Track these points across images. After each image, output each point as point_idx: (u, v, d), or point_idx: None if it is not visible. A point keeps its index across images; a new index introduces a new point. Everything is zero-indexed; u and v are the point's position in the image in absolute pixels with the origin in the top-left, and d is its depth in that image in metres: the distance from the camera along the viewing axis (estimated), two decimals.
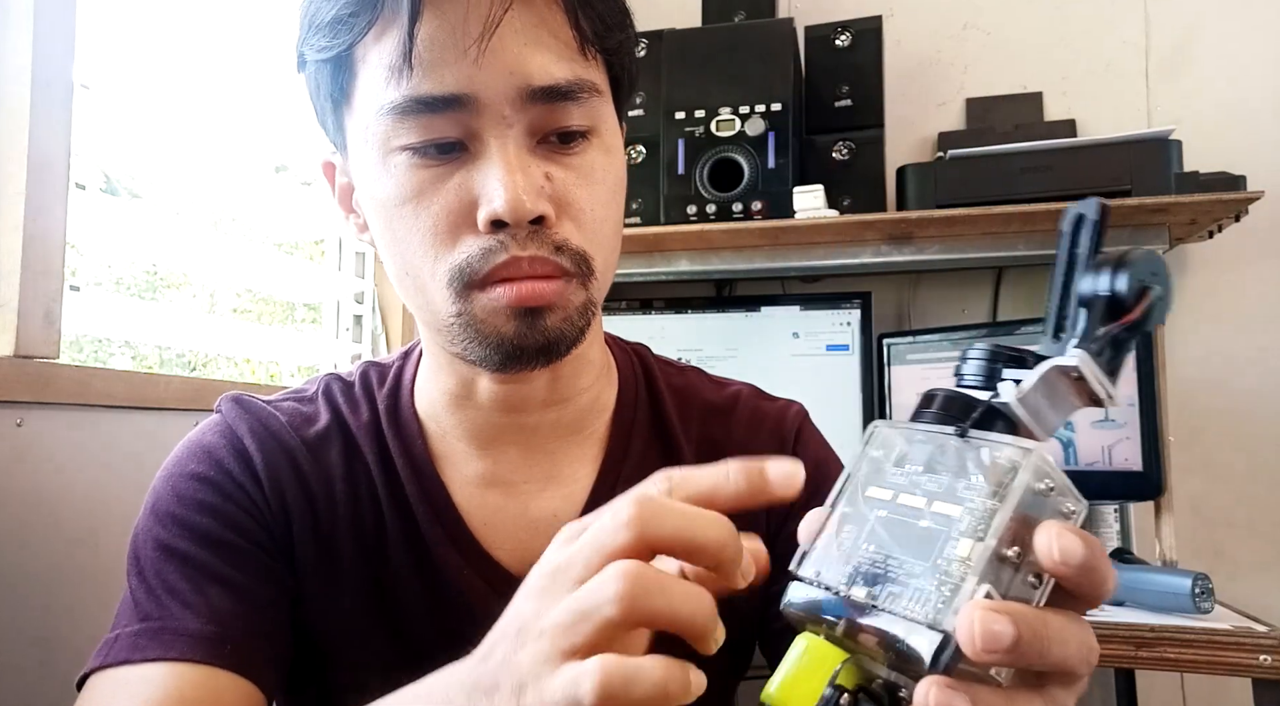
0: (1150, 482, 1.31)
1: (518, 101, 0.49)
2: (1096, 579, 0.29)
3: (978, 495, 0.30)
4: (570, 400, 0.60)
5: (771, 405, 0.67)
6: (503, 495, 0.59)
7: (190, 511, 0.55)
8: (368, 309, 1.64)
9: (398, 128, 0.49)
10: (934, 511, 0.31)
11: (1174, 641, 1.01)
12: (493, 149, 0.49)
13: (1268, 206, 1.39)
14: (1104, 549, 0.30)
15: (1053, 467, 0.30)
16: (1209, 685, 1.49)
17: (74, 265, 1.01)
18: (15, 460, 0.85)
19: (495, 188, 0.48)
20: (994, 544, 0.29)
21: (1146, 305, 0.32)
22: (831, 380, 1.58)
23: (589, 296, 0.53)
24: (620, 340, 0.68)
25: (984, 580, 0.28)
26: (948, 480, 0.31)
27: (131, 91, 1.08)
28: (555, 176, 0.51)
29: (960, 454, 0.31)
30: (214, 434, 0.59)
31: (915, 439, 0.33)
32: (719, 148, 1.51)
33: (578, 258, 0.51)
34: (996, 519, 0.29)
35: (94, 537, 0.92)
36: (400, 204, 0.51)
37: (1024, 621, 0.28)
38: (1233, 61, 1.61)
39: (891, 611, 0.29)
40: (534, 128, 0.50)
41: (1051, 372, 0.33)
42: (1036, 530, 0.29)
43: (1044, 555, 0.29)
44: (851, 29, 1.61)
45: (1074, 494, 0.31)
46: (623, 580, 0.30)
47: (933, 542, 0.30)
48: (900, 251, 1.54)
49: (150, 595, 0.53)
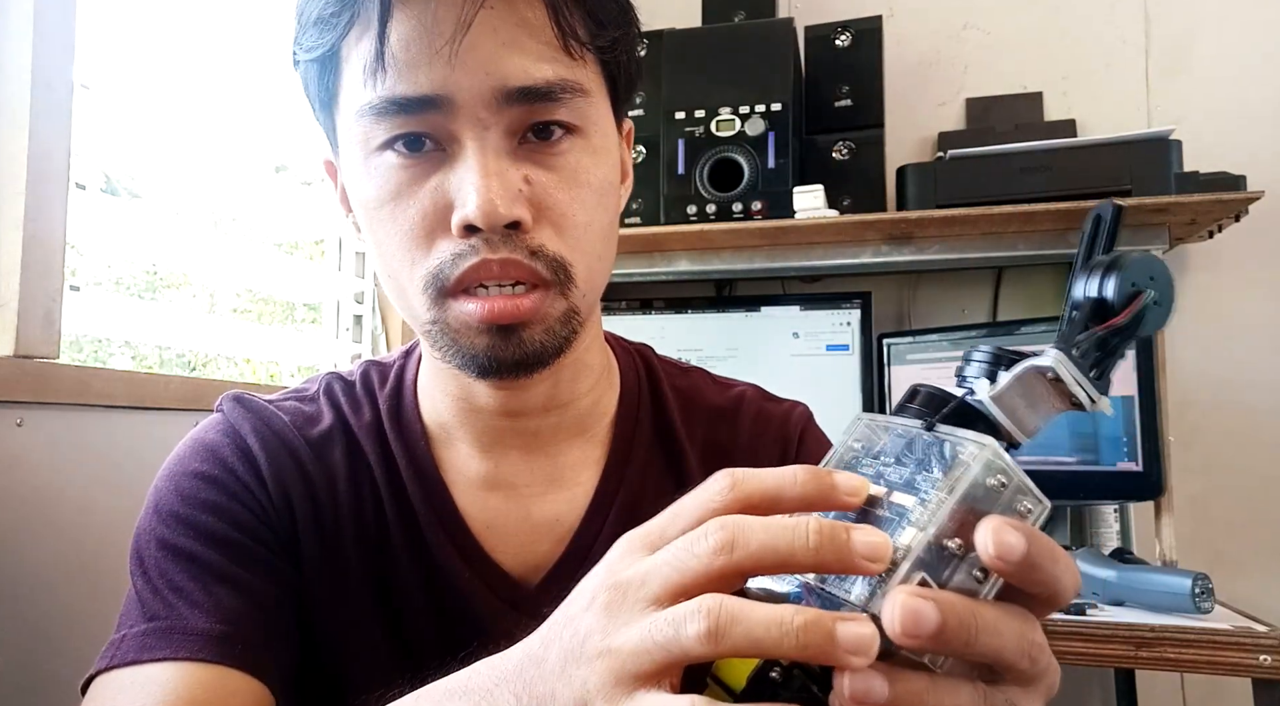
0: (1150, 482, 1.31)
1: (494, 103, 0.48)
2: (1042, 578, 0.29)
3: (932, 487, 0.30)
4: (570, 404, 0.59)
5: (776, 407, 0.67)
6: (505, 498, 0.59)
7: (195, 510, 0.54)
8: (368, 309, 1.64)
9: (375, 128, 0.49)
10: (892, 501, 0.31)
11: (1174, 641, 1.01)
12: (469, 151, 0.48)
13: (1268, 206, 1.39)
14: (1057, 548, 0.29)
15: (1009, 464, 0.30)
16: (1209, 685, 1.49)
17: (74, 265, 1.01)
18: (15, 460, 0.85)
19: (468, 192, 0.47)
20: (932, 533, 0.29)
21: (1136, 310, 0.32)
22: (831, 380, 1.59)
23: (570, 304, 0.52)
24: (623, 341, 0.68)
25: (919, 568, 0.29)
26: (909, 472, 0.31)
27: (131, 91, 1.08)
28: (535, 179, 0.50)
29: (926, 447, 0.32)
30: (217, 432, 0.58)
31: (892, 431, 0.33)
32: (719, 148, 1.51)
33: (554, 264, 0.50)
34: (940, 510, 0.29)
35: (94, 537, 0.92)
36: (379, 206, 0.51)
37: (950, 608, 0.27)
38: (1233, 61, 1.61)
39: (833, 594, 0.30)
40: (513, 127, 0.49)
41: (1028, 373, 0.32)
42: (978, 524, 0.29)
43: (981, 549, 0.28)
44: (851, 29, 1.61)
45: (1033, 493, 0.30)
46: (709, 618, 0.29)
47: (885, 532, 0.30)
48: (900, 251, 1.54)
49: (156, 595, 0.52)
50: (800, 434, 0.65)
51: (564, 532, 0.59)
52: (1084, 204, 1.35)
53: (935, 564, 0.29)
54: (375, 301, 1.65)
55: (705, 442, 0.63)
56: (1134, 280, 0.32)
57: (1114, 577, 1.11)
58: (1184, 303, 1.59)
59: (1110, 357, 0.32)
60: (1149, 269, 0.33)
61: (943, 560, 0.29)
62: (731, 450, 0.63)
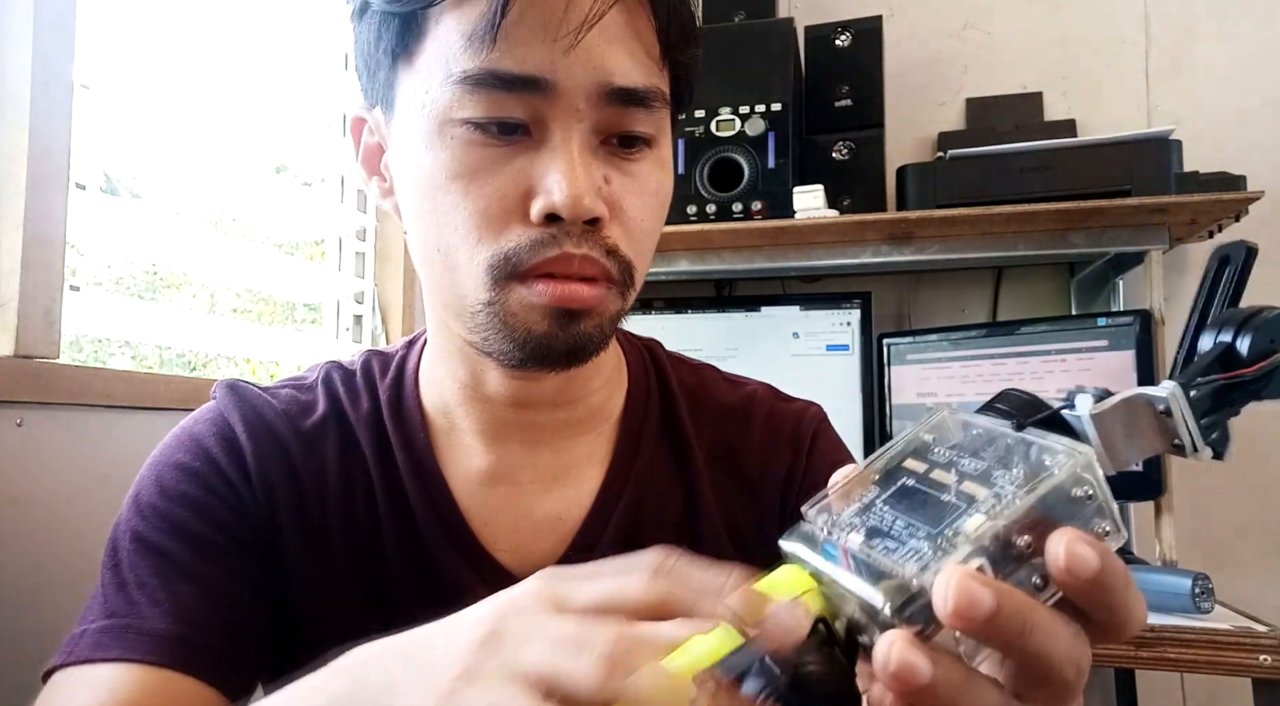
0: (1150, 482, 1.31)
1: (594, 97, 0.48)
2: (1110, 602, 0.27)
3: (1010, 484, 0.29)
4: (580, 401, 0.59)
5: (788, 407, 0.65)
6: (506, 494, 0.58)
7: (170, 503, 0.54)
8: (368, 309, 1.64)
9: (465, 99, 0.47)
10: (961, 489, 0.29)
11: (1174, 641, 1.01)
12: (558, 140, 0.48)
13: (1268, 206, 1.39)
14: (1131, 577, 0.28)
15: (1099, 481, 0.28)
16: (1209, 685, 1.49)
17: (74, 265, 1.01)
18: (15, 460, 0.85)
19: (556, 180, 0.47)
20: (1002, 524, 0.27)
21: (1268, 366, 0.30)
22: (831, 380, 1.59)
23: (623, 306, 0.52)
24: (631, 336, 0.67)
25: (979, 555, 0.27)
26: (986, 466, 0.30)
27: (131, 91, 1.08)
28: (613, 180, 0.50)
29: (1010, 447, 0.30)
30: (205, 422, 0.58)
31: (972, 427, 0.32)
32: (719, 148, 1.51)
33: (625, 265, 0.50)
34: (1017, 503, 0.28)
35: (94, 538, 0.92)
36: (450, 179, 0.49)
37: (1008, 597, 0.26)
38: (1233, 61, 1.61)
39: (876, 563, 0.28)
40: (601, 127, 0.49)
41: (1137, 399, 0.31)
42: (1056, 531, 0.27)
43: (1051, 559, 0.27)
44: (851, 29, 1.61)
45: (1114, 518, 0.29)
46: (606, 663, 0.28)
47: (947, 514, 0.28)
48: (900, 251, 1.54)
49: (121, 589, 0.52)
50: (813, 436, 0.64)
51: (566, 531, 0.58)
52: (1084, 204, 1.35)
53: (997, 556, 0.27)
54: (375, 301, 1.65)
55: (714, 442, 0.62)
56: (1274, 338, 0.31)
57: None
58: (1184, 303, 1.59)
59: (1223, 411, 0.31)
60: None
61: (1006, 556, 0.27)
62: (741, 450, 0.62)
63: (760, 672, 0.27)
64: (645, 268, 0.54)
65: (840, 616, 0.29)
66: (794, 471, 0.62)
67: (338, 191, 1.57)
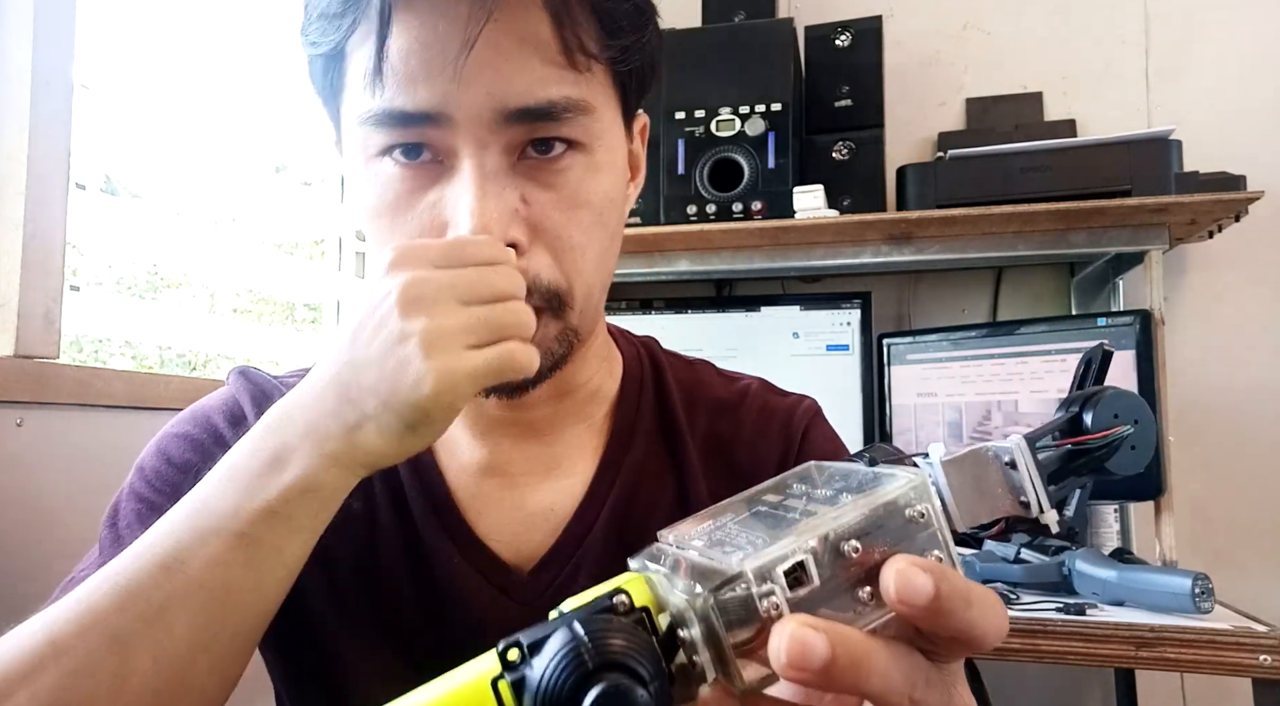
0: (1150, 482, 1.31)
1: (493, 122, 0.47)
2: (954, 624, 0.27)
3: (848, 498, 0.29)
4: (569, 394, 0.59)
5: (781, 401, 0.66)
6: (499, 485, 0.59)
7: (172, 468, 0.56)
8: None
9: (373, 136, 0.48)
10: (807, 509, 0.30)
11: (1174, 641, 1.01)
12: (465, 168, 0.47)
13: (1268, 206, 1.39)
14: (974, 590, 0.27)
15: (936, 509, 0.29)
16: (1209, 685, 1.49)
17: (74, 265, 1.01)
18: (15, 460, 0.85)
19: (464, 213, 0.47)
20: (831, 527, 0.27)
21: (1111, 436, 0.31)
22: (831, 380, 1.59)
23: (565, 324, 0.51)
24: (629, 334, 0.67)
25: (803, 552, 0.27)
26: (835, 493, 0.31)
27: (131, 91, 1.08)
28: (533, 198, 0.49)
29: (861, 479, 0.31)
30: (216, 401, 0.60)
31: (833, 472, 0.33)
32: (719, 148, 1.51)
33: (549, 294, 0.49)
34: (848, 510, 0.28)
35: (94, 537, 0.92)
36: (378, 215, 0.50)
37: (842, 643, 0.25)
38: (1233, 61, 1.61)
39: (706, 561, 0.28)
40: (512, 145, 0.48)
41: (984, 452, 0.31)
42: (889, 559, 0.27)
43: (883, 589, 0.26)
44: (851, 29, 1.61)
45: (948, 549, 0.29)
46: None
47: (785, 525, 0.29)
48: (900, 251, 1.54)
49: (116, 544, 0.53)
50: (805, 429, 0.64)
51: (558, 522, 0.58)
52: (1084, 204, 1.35)
53: (824, 559, 0.27)
54: None
55: (706, 434, 0.63)
56: (1117, 412, 0.32)
57: (1114, 578, 1.11)
58: (1184, 302, 1.59)
59: (1069, 477, 0.31)
60: (1136, 411, 0.32)
61: (834, 560, 0.27)
62: (733, 443, 0.62)
63: (569, 636, 0.27)
64: (589, 279, 0.52)
65: (666, 611, 0.29)
66: (785, 463, 0.62)
67: (338, 191, 1.57)
